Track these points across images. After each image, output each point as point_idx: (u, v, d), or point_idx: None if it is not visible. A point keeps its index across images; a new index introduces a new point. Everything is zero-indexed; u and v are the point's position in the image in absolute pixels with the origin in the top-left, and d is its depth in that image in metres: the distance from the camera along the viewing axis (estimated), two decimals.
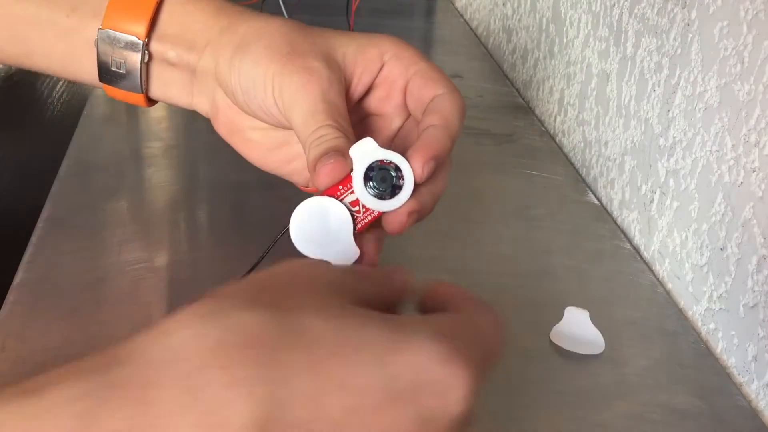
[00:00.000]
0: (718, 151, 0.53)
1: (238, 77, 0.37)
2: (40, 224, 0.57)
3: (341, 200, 0.33)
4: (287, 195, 0.34)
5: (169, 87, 0.41)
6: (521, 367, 0.48)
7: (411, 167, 0.33)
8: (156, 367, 0.21)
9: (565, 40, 0.81)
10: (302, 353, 0.22)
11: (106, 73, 0.40)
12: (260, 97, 0.37)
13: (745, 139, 0.50)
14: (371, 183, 0.33)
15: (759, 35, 0.48)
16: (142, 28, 0.39)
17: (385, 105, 0.39)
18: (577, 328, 0.52)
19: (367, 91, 0.39)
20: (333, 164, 0.33)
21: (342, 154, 0.33)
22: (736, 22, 0.51)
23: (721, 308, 0.53)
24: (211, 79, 0.39)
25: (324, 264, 0.28)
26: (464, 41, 1.12)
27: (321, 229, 0.34)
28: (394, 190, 0.33)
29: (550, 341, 0.50)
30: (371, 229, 0.35)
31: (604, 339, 0.51)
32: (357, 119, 0.39)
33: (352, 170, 0.33)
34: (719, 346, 0.53)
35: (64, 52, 0.41)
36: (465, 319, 0.27)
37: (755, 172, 0.49)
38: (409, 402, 0.23)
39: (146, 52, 0.39)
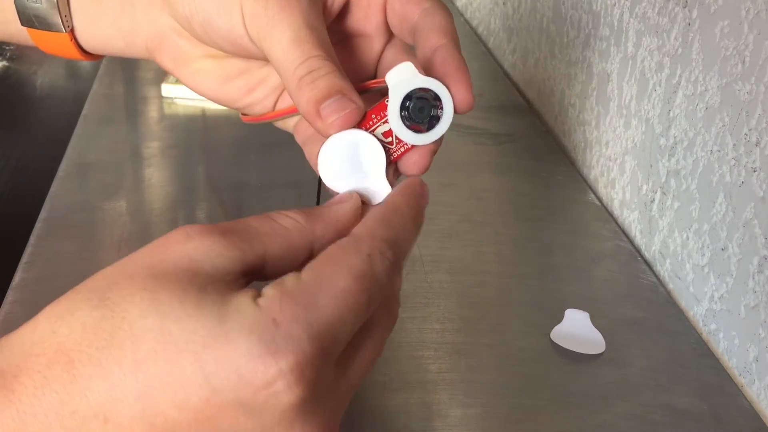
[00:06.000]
0: (719, 151, 0.53)
1: (194, 4, 0.32)
2: (39, 224, 0.57)
3: (373, 132, 0.31)
4: (287, 195, 0.33)
5: (97, 22, 0.34)
6: (521, 367, 0.48)
7: (452, 96, 0.30)
8: (22, 359, 0.24)
9: (565, 39, 0.81)
10: (128, 350, 0.23)
11: (24, 10, 0.34)
12: (225, 26, 0.31)
13: (746, 138, 0.50)
14: (407, 113, 0.30)
15: (760, 35, 0.48)
16: None
17: (364, 25, 0.35)
18: (578, 328, 0.51)
19: (344, 9, 0.34)
20: (347, 114, 0.30)
21: (349, 97, 0.30)
22: (737, 22, 0.51)
23: (722, 309, 0.53)
24: (151, 2, 0.34)
25: (192, 243, 0.26)
26: (464, 41, 1.12)
27: (351, 164, 0.31)
28: (431, 121, 0.30)
29: (551, 341, 0.50)
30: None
31: (605, 339, 0.51)
32: (335, 41, 0.35)
33: (386, 99, 0.30)
34: (720, 347, 0.53)
35: None
36: (308, 285, 0.25)
37: (756, 172, 0.49)
38: (232, 398, 0.23)
39: None
